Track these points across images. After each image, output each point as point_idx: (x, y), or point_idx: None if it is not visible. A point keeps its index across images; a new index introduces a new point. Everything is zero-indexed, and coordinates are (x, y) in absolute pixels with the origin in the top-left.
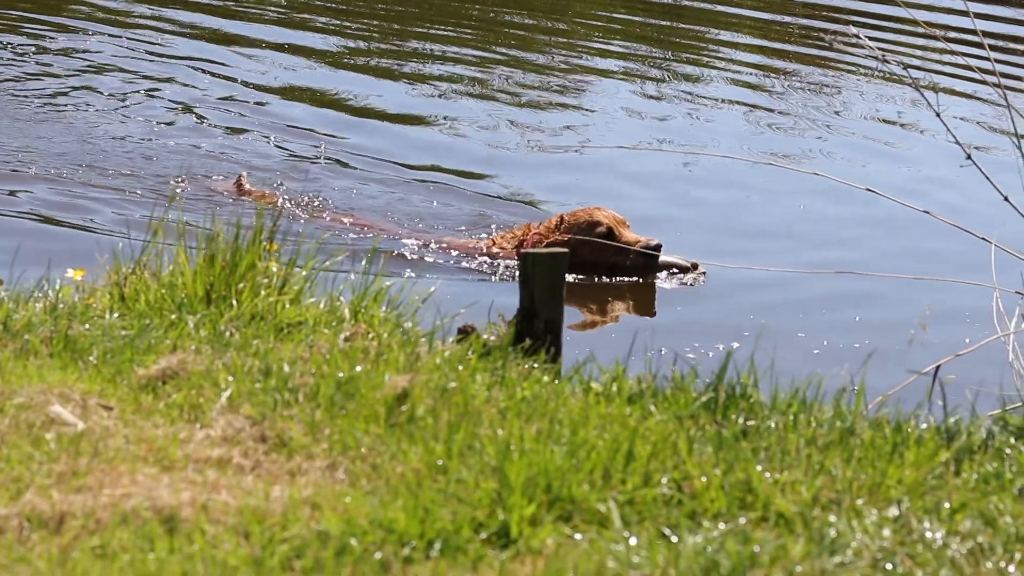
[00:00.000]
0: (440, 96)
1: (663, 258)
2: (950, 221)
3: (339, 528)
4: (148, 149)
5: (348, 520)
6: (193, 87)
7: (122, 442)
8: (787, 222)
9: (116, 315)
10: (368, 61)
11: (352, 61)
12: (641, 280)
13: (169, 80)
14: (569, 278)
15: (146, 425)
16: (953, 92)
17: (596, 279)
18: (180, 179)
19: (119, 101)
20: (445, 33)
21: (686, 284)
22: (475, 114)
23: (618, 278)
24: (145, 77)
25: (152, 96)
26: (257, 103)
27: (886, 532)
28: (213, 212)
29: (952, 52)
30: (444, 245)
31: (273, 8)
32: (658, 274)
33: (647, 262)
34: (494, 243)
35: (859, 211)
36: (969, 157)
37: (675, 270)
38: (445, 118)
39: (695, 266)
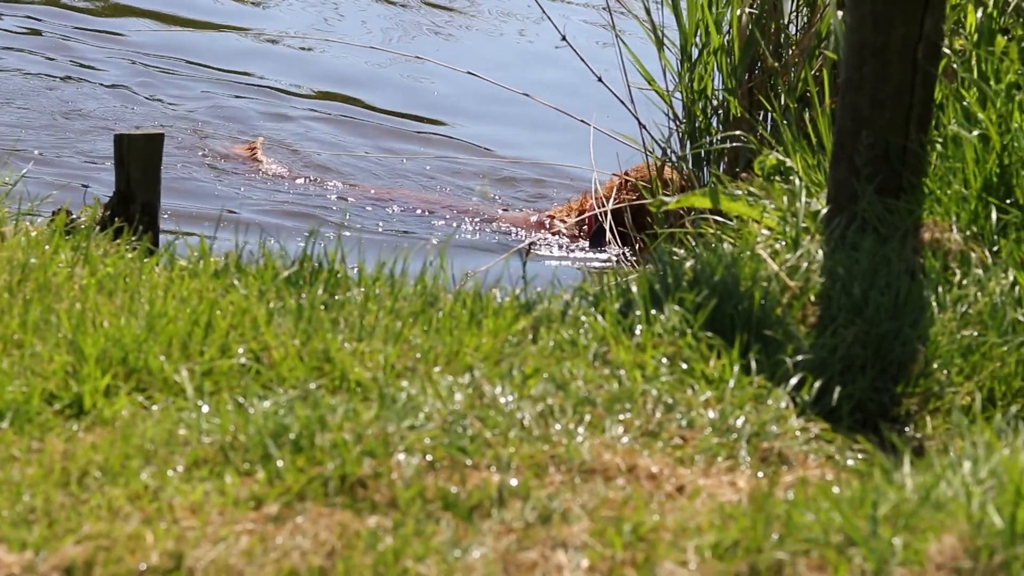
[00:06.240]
0: None
1: None
2: (548, 103)
3: None
4: None
5: None
6: None
7: None
8: None
9: None
10: None
11: None
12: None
13: None
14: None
15: None
16: None
17: None
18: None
19: None
20: None
21: None
22: None
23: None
24: None
25: None
26: None
27: (458, 397)
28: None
29: None
30: (498, 221)
31: None
32: None
33: None
34: (553, 218)
35: (463, 94)
36: (564, 38)
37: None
38: None
39: None
